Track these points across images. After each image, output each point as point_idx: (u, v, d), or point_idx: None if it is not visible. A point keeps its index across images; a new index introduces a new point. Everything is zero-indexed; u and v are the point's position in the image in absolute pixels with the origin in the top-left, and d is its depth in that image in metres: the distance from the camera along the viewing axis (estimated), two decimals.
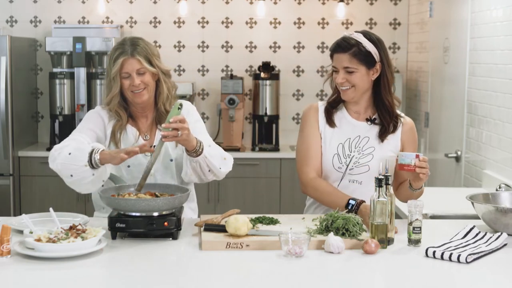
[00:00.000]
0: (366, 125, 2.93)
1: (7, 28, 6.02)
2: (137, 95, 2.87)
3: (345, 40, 2.84)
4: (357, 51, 2.81)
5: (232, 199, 5.60)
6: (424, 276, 2.29)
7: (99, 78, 5.70)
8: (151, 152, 2.72)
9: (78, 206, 5.50)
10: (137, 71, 2.85)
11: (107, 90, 2.91)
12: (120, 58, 2.84)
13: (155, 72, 2.89)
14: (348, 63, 2.82)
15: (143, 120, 2.98)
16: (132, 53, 2.84)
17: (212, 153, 2.83)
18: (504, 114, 3.98)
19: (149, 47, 2.91)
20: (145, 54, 2.86)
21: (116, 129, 2.93)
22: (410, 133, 2.96)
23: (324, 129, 2.94)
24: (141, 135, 2.97)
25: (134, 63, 2.84)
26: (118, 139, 2.93)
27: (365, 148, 2.91)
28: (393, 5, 6.12)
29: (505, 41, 3.99)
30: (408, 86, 5.99)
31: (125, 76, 2.86)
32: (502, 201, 2.95)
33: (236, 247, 2.50)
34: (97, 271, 2.32)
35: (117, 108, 2.91)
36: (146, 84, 2.86)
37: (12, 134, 5.44)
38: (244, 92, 5.94)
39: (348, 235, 2.56)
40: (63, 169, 2.71)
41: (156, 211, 2.58)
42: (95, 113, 2.98)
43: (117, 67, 2.83)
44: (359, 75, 2.83)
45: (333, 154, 2.91)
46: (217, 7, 6.10)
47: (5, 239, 2.36)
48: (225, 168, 2.88)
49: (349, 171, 2.90)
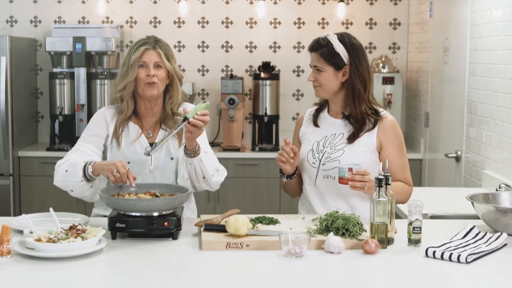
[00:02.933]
0: (342, 122, 2.99)
1: (7, 28, 6.02)
2: (149, 88, 2.93)
3: (318, 40, 2.96)
4: (326, 51, 2.91)
5: (232, 199, 5.60)
6: (424, 276, 2.29)
7: (99, 78, 5.70)
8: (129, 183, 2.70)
9: (78, 206, 5.49)
10: (155, 63, 2.93)
11: (122, 78, 2.97)
12: (142, 47, 2.94)
13: (170, 70, 2.96)
14: (317, 62, 2.93)
15: (148, 118, 3.03)
16: (154, 46, 2.96)
17: (207, 160, 2.90)
18: (504, 114, 3.98)
19: (170, 49, 3.02)
20: (165, 51, 2.97)
21: (119, 125, 2.99)
22: (389, 131, 2.95)
23: (307, 131, 3.05)
24: (143, 132, 3.01)
25: (154, 55, 2.94)
26: (119, 134, 2.98)
27: (337, 144, 2.96)
28: (393, 5, 6.12)
29: (505, 41, 3.98)
30: (408, 86, 5.99)
31: (142, 64, 2.93)
32: (502, 201, 2.95)
33: (236, 247, 2.50)
34: (97, 271, 2.32)
35: (128, 98, 2.97)
36: (159, 79, 2.93)
37: (12, 134, 5.44)
38: (244, 92, 5.94)
39: (348, 235, 2.56)
40: (63, 186, 2.88)
41: (156, 211, 2.58)
42: (98, 115, 3.05)
43: (137, 55, 2.93)
44: (326, 75, 2.91)
45: (308, 150, 3.01)
46: (217, 7, 6.10)
47: (5, 239, 2.36)
48: (217, 177, 2.95)
49: (322, 166, 2.96)
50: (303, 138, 3.07)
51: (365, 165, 2.84)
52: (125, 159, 2.94)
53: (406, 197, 2.94)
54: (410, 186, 2.97)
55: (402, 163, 2.94)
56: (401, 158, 2.94)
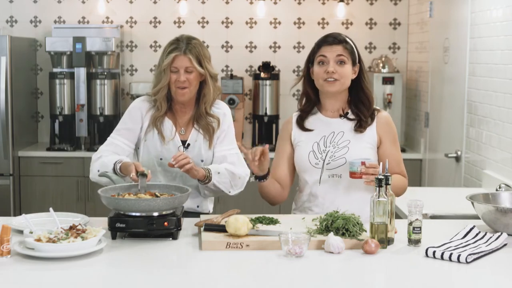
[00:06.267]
0: (340, 120, 3.00)
1: (7, 28, 6.02)
2: (180, 93, 3.00)
3: (337, 35, 3.00)
4: (349, 46, 2.97)
5: (232, 199, 5.56)
6: (424, 276, 2.29)
7: (99, 78, 5.70)
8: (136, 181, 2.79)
9: (78, 206, 5.50)
10: (185, 68, 2.99)
11: (156, 80, 3.06)
12: (173, 53, 2.99)
13: (202, 73, 3.01)
14: (342, 51, 2.94)
15: (181, 115, 3.10)
16: (185, 51, 2.99)
17: (221, 181, 3.01)
18: (504, 114, 3.98)
19: (202, 48, 3.04)
20: (196, 54, 3.00)
21: (155, 121, 3.06)
22: (386, 126, 3.00)
23: (299, 135, 3.04)
24: (177, 129, 3.07)
25: (185, 61, 2.98)
26: (159, 128, 3.05)
27: (340, 142, 2.97)
28: (393, 5, 6.12)
29: (505, 41, 3.99)
30: (408, 86, 5.99)
31: (174, 70, 3.00)
32: (502, 201, 2.95)
33: (236, 247, 2.50)
34: (97, 271, 2.32)
35: (162, 100, 3.04)
36: (190, 83, 2.99)
37: (12, 134, 5.44)
38: (244, 92, 5.94)
39: (348, 235, 2.56)
40: (100, 182, 2.96)
41: (156, 211, 2.58)
42: (133, 109, 3.11)
43: (168, 61, 2.98)
44: (348, 67, 2.95)
45: (308, 152, 2.99)
46: (217, 7, 6.10)
47: (5, 239, 2.36)
48: (234, 191, 3.11)
49: (327, 165, 2.96)
50: (297, 142, 3.04)
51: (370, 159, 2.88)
52: (158, 156, 3.04)
53: (403, 190, 3.02)
54: (406, 179, 3.05)
55: (398, 157, 3.01)
56: (397, 152, 3.02)
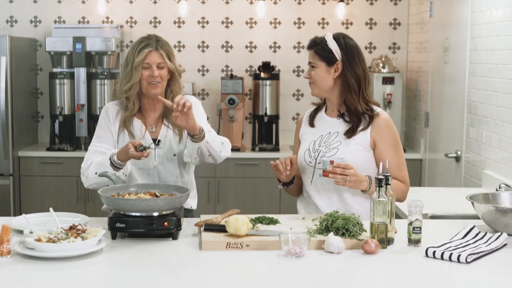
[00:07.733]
0: (337, 121, 3.01)
1: (7, 28, 6.02)
2: (153, 87, 3.04)
3: (314, 39, 3.06)
4: (320, 48, 2.99)
5: (232, 199, 5.60)
6: (424, 276, 2.29)
7: (99, 78, 5.70)
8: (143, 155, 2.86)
9: (78, 206, 5.50)
10: (157, 64, 3.04)
11: (126, 79, 3.07)
12: (145, 49, 3.04)
13: (172, 68, 3.08)
14: (311, 59, 3.02)
15: (151, 113, 3.14)
16: (156, 47, 3.06)
17: (213, 139, 3.01)
18: (504, 114, 3.98)
19: (170, 46, 3.13)
20: (166, 51, 3.07)
21: (125, 121, 3.09)
22: (384, 129, 2.94)
23: (305, 131, 3.09)
24: (147, 127, 3.11)
25: (157, 57, 3.04)
26: (129, 128, 3.08)
27: (332, 142, 2.98)
28: (393, 5, 6.12)
29: (505, 41, 3.99)
30: (408, 86, 5.99)
31: (145, 66, 3.04)
32: (502, 201, 2.95)
33: (236, 247, 2.50)
34: (97, 271, 2.32)
35: (134, 98, 3.08)
36: (162, 78, 3.05)
37: (12, 134, 5.44)
38: (244, 92, 5.94)
39: (348, 235, 2.56)
40: (98, 186, 2.91)
41: (156, 211, 2.58)
42: (103, 115, 3.15)
43: (141, 57, 3.03)
44: (319, 71, 2.98)
45: (305, 150, 3.04)
46: (217, 7, 6.10)
47: (5, 239, 2.36)
48: (225, 152, 3.08)
49: (318, 165, 2.97)
50: (302, 138, 3.10)
51: (361, 163, 2.86)
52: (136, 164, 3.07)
53: (402, 196, 2.93)
54: (407, 185, 2.95)
55: (398, 161, 2.92)
56: (397, 156, 2.92)
